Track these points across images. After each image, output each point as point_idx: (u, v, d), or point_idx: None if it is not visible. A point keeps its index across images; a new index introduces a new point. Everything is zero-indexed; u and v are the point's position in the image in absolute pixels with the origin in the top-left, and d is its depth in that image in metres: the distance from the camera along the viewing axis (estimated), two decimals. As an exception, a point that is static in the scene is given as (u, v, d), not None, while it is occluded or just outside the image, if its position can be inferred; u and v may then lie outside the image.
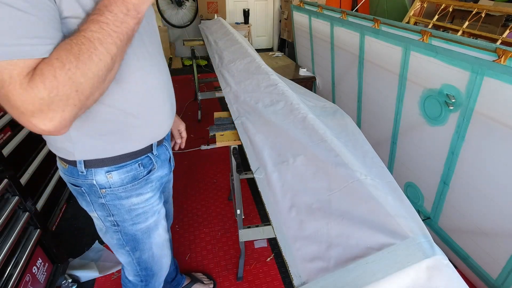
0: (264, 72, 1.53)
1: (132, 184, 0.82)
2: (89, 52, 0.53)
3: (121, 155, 0.78)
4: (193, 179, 2.30)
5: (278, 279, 1.57)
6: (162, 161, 0.91)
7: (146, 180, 0.85)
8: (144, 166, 0.84)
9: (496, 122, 1.12)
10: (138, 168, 0.82)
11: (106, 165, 0.77)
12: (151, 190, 0.88)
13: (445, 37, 1.33)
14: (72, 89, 0.52)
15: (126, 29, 0.58)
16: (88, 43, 0.53)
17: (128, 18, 0.58)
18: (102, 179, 0.78)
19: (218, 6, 4.55)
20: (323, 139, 0.95)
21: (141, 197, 0.85)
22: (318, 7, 2.36)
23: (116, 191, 0.80)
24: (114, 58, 0.57)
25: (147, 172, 0.85)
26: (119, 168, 0.79)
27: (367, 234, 0.67)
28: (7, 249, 1.11)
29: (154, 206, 0.90)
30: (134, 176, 0.82)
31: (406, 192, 1.75)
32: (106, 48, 0.55)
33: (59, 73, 0.50)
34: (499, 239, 1.25)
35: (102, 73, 0.55)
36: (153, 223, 0.91)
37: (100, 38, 0.54)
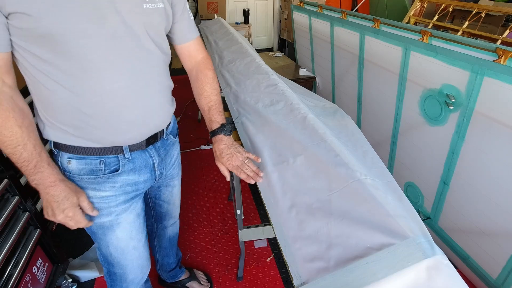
0: (264, 72, 1.53)
1: (89, 177, 0.83)
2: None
3: (82, 147, 0.80)
4: (193, 179, 2.30)
5: (278, 279, 1.57)
6: (137, 166, 0.89)
7: (106, 179, 0.85)
8: (106, 164, 0.83)
9: (496, 122, 1.12)
10: (98, 164, 0.82)
11: (68, 151, 0.80)
12: (112, 190, 0.86)
13: (445, 37, 1.33)
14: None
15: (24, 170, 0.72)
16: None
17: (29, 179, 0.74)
18: (63, 162, 0.82)
19: (218, 6, 4.55)
20: (323, 139, 0.95)
21: (96, 193, 0.85)
22: (318, 7, 2.36)
23: (73, 177, 0.83)
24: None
25: (109, 172, 0.84)
26: (79, 159, 0.81)
27: (367, 234, 0.67)
28: (7, 249, 1.11)
29: (111, 206, 0.88)
30: (92, 170, 0.83)
31: (406, 192, 1.75)
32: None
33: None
34: (499, 239, 1.25)
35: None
36: (107, 222, 0.89)
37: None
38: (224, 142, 0.99)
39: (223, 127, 1.00)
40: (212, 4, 4.53)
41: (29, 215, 1.27)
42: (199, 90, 1.01)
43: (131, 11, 0.73)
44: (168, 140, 1.00)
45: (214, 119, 1.00)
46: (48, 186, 0.75)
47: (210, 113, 1.01)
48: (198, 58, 1.01)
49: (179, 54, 1.00)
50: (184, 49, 0.99)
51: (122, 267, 0.98)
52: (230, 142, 1.00)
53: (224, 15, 4.59)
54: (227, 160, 0.99)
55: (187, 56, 1.00)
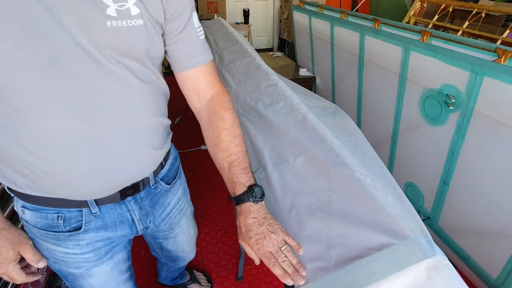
0: (264, 72, 1.53)
1: (47, 232, 0.67)
2: None
3: (35, 196, 0.64)
4: (193, 179, 2.30)
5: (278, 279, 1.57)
6: (108, 222, 0.72)
7: (68, 236, 0.68)
8: (65, 220, 0.67)
9: (496, 122, 1.12)
10: (55, 219, 0.67)
11: (21, 198, 0.66)
12: (77, 248, 0.70)
13: (445, 37, 1.33)
14: None
15: None
16: None
17: None
18: (18, 210, 0.68)
19: (218, 6, 4.55)
20: (323, 139, 0.95)
21: (59, 248, 0.70)
22: (318, 7, 2.36)
23: (31, 228, 0.69)
24: None
25: (70, 229, 0.68)
26: (33, 210, 0.66)
27: (367, 234, 0.67)
28: (7, 249, 1.11)
29: (79, 262, 0.72)
30: (49, 225, 0.67)
31: (406, 192, 1.75)
32: None
33: None
34: (499, 239, 1.25)
35: None
36: (77, 273, 0.75)
37: None
38: (253, 216, 0.70)
39: (252, 192, 0.71)
40: (212, 4, 4.53)
41: (29, 215, 1.27)
42: (213, 139, 0.74)
43: (88, 28, 0.53)
44: (158, 188, 0.80)
45: (238, 180, 0.72)
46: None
47: (232, 172, 0.73)
48: (208, 94, 0.74)
49: (181, 87, 0.74)
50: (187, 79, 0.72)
51: None
52: (263, 216, 0.71)
53: (224, 15, 4.59)
54: (256, 243, 0.69)
55: (192, 89, 0.73)
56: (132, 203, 0.74)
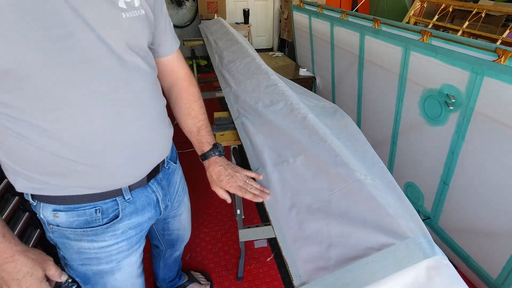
0: (264, 72, 1.53)
1: (84, 230, 0.70)
2: None
3: (71, 196, 0.66)
4: (193, 179, 2.30)
5: (278, 279, 1.57)
6: (138, 206, 0.77)
7: (105, 229, 0.72)
8: (103, 212, 0.71)
9: (496, 122, 1.12)
10: (93, 214, 0.70)
11: (53, 203, 0.67)
12: (113, 238, 0.74)
13: (445, 37, 1.33)
14: None
15: None
16: None
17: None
18: (48, 215, 0.68)
19: (218, 6, 4.55)
20: (323, 139, 0.95)
21: (95, 244, 0.72)
22: (318, 7, 2.36)
23: (63, 231, 0.70)
24: None
25: (108, 220, 0.72)
26: (68, 210, 0.68)
27: (367, 234, 0.67)
28: (7, 249, 1.11)
29: (112, 255, 0.76)
30: (87, 221, 0.70)
31: (406, 192, 1.75)
32: None
33: None
34: (499, 239, 1.25)
35: None
36: (107, 269, 0.77)
37: None
38: (220, 164, 0.90)
39: (217, 148, 0.91)
40: (212, 4, 4.53)
41: (29, 215, 1.27)
42: (185, 110, 0.88)
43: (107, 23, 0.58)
44: (170, 168, 0.90)
45: (205, 140, 0.90)
46: (5, 262, 0.60)
47: (200, 134, 0.90)
48: (181, 74, 0.88)
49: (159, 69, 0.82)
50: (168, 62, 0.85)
51: None
52: (226, 163, 0.91)
53: (224, 15, 4.59)
54: (228, 183, 0.89)
55: (169, 71, 0.86)
56: (155, 184, 0.81)
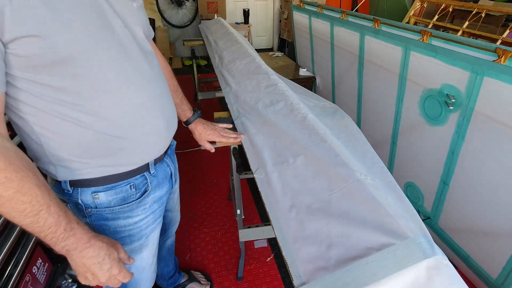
0: (264, 72, 1.53)
1: (121, 207, 0.76)
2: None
3: (109, 176, 0.72)
4: (193, 179, 2.30)
5: (278, 279, 1.57)
6: (160, 180, 0.85)
7: (138, 203, 0.79)
8: (136, 187, 0.77)
9: (496, 122, 1.12)
10: (129, 190, 0.76)
11: (93, 185, 0.72)
12: (143, 213, 0.82)
13: (445, 37, 1.33)
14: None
15: (47, 239, 0.59)
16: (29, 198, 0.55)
17: (56, 246, 0.61)
18: (88, 199, 0.73)
19: (218, 6, 4.55)
20: (323, 139, 0.95)
21: (129, 220, 0.79)
22: (318, 7, 2.36)
23: (102, 211, 0.75)
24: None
25: (140, 195, 0.79)
26: (107, 190, 0.73)
27: (367, 234, 0.67)
28: (7, 249, 1.11)
29: (142, 230, 0.83)
30: (124, 198, 0.76)
31: (406, 192, 1.75)
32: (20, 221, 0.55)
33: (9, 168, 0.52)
34: (499, 239, 1.25)
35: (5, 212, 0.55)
36: (138, 246, 0.85)
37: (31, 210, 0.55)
38: (202, 123, 1.10)
39: (197, 112, 1.10)
40: (212, 4, 4.53)
41: (29, 215, 1.27)
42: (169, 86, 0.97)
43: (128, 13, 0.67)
44: (172, 146, 0.96)
45: (187, 107, 1.07)
46: (84, 248, 0.63)
47: (182, 102, 1.05)
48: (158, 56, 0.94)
49: None
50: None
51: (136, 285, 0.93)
52: (206, 122, 1.12)
53: (224, 15, 4.59)
54: (213, 134, 1.10)
55: None
56: (168, 158, 0.89)
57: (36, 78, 0.57)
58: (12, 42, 0.52)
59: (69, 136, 0.65)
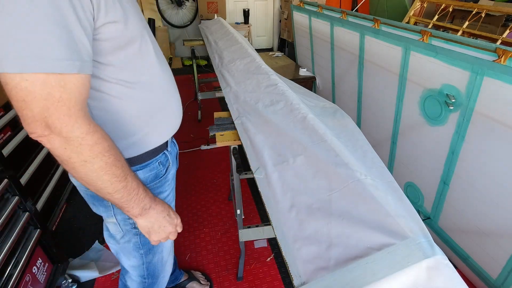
0: (264, 72, 1.53)
1: (155, 183, 0.83)
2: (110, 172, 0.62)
3: (145, 153, 0.78)
4: (193, 179, 2.30)
5: (278, 279, 1.57)
6: (173, 158, 0.91)
7: (165, 179, 0.86)
8: (162, 164, 0.85)
9: (496, 122, 1.12)
10: (158, 166, 0.83)
11: (132, 164, 0.77)
12: (168, 188, 0.89)
13: (445, 37, 1.33)
14: (87, 158, 0.58)
15: (127, 203, 0.67)
16: (120, 172, 0.63)
17: (137, 207, 0.69)
18: None
19: (218, 6, 4.55)
20: (323, 139, 0.95)
21: (161, 196, 0.86)
22: (318, 7, 2.36)
23: None
24: (102, 192, 0.64)
25: (165, 171, 0.86)
26: (144, 167, 0.80)
27: (367, 234, 0.67)
28: (7, 249, 1.11)
29: (170, 203, 0.91)
30: (156, 174, 0.83)
31: (406, 192, 1.75)
32: (116, 187, 0.64)
33: (99, 147, 0.59)
34: (499, 239, 1.25)
35: (94, 184, 0.62)
36: None
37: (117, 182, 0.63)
38: None
39: None
40: (212, 4, 4.53)
41: (29, 215, 1.27)
42: None
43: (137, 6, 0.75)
44: None
45: None
46: (156, 204, 0.74)
47: None
48: None
49: None
50: None
51: (165, 270, 1.02)
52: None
53: (224, 15, 4.59)
54: None
55: None
56: (173, 139, 0.94)
57: (104, 60, 0.63)
58: (100, 27, 0.59)
59: (127, 115, 0.71)
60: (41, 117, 0.52)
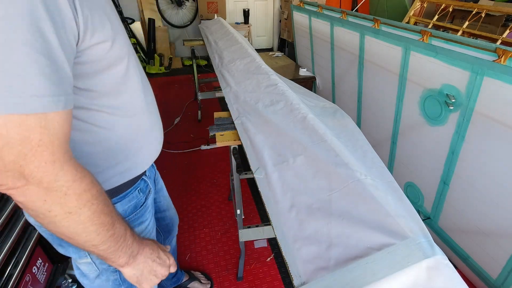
0: (264, 72, 1.53)
1: (135, 213, 0.77)
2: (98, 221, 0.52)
3: (124, 184, 0.71)
4: (193, 179, 2.30)
5: (278, 279, 1.57)
6: (151, 181, 0.85)
7: (145, 207, 0.79)
8: (142, 191, 0.79)
9: (496, 122, 1.12)
10: (138, 195, 0.76)
11: (110, 197, 0.69)
12: (149, 216, 0.83)
13: (445, 37, 1.33)
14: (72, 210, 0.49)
15: (113, 254, 0.57)
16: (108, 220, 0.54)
17: (124, 256, 0.59)
18: None
19: (218, 6, 4.55)
20: (323, 139, 0.95)
21: (142, 226, 0.79)
22: (318, 7, 2.36)
23: None
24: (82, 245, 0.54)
25: (145, 198, 0.79)
26: (122, 198, 0.72)
27: (367, 234, 0.67)
28: (7, 249, 1.11)
29: (151, 232, 0.85)
30: (135, 204, 0.76)
31: (406, 192, 1.75)
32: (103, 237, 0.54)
33: (88, 195, 0.50)
34: (499, 239, 1.25)
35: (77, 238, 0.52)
36: None
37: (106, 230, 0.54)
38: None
39: None
40: (212, 4, 4.53)
41: (29, 215, 1.26)
42: None
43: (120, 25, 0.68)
44: None
45: None
46: (143, 248, 0.64)
47: None
48: None
49: None
50: None
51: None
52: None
53: (224, 15, 4.59)
54: None
55: None
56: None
57: (83, 85, 0.55)
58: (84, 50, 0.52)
59: (104, 143, 0.63)
60: (15, 166, 0.42)
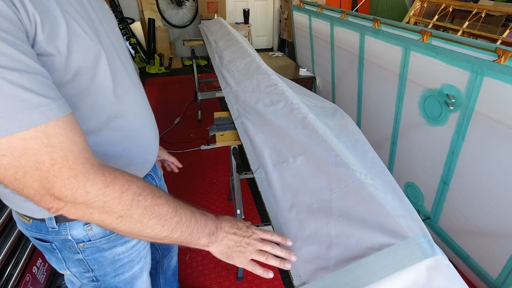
0: (264, 72, 1.53)
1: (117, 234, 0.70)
2: (157, 215, 0.51)
3: None
4: (193, 179, 2.30)
5: (278, 279, 1.57)
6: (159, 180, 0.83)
7: None
8: None
9: (496, 122, 1.12)
10: None
11: None
12: None
13: (445, 37, 1.33)
14: (121, 213, 0.47)
15: (190, 238, 0.58)
16: (167, 209, 0.53)
17: (203, 236, 0.59)
18: (79, 232, 0.65)
19: (218, 6, 4.55)
20: (323, 139, 0.95)
21: (127, 245, 0.73)
22: (318, 7, 2.36)
23: (97, 243, 0.68)
24: (158, 238, 0.54)
25: None
26: None
27: (367, 234, 0.67)
28: (7, 249, 1.11)
29: (140, 251, 0.78)
30: None
31: (406, 192, 1.75)
32: (169, 227, 0.53)
33: (128, 194, 0.47)
34: (499, 239, 1.25)
35: (146, 234, 0.52)
36: (138, 270, 0.79)
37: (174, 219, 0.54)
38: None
39: None
40: (212, 4, 4.53)
41: (29, 215, 1.26)
42: None
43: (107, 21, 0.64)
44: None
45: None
46: (221, 223, 0.63)
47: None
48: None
49: None
50: None
51: None
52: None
53: (224, 15, 4.59)
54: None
55: None
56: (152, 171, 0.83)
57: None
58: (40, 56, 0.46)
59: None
60: (45, 191, 0.42)
